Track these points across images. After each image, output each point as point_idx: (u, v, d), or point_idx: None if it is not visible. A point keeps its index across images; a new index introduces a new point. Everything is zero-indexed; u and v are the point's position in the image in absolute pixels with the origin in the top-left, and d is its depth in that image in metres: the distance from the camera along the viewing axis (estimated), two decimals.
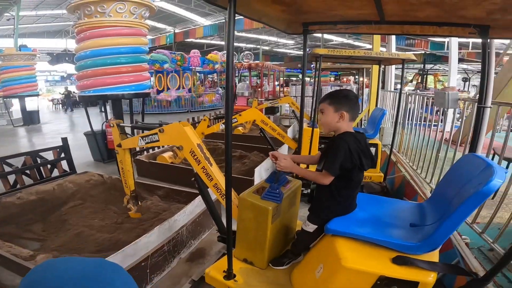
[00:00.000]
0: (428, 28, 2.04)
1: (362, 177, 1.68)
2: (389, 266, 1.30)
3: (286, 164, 1.65)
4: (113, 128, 2.78)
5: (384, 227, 1.50)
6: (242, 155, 5.47)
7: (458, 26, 1.88)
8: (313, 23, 2.18)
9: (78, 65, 5.80)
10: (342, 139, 1.55)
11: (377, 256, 1.35)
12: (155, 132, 2.34)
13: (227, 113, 1.41)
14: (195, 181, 2.09)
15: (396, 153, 4.71)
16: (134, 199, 2.99)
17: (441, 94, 2.76)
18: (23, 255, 2.40)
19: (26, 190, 3.70)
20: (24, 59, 11.35)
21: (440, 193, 1.58)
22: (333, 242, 1.48)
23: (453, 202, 1.32)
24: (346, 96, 1.61)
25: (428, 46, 19.08)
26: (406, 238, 1.37)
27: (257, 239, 1.75)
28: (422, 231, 1.39)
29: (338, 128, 1.62)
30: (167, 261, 2.46)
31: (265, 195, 1.70)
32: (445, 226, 1.24)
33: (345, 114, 1.57)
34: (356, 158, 1.51)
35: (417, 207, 1.70)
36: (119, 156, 2.85)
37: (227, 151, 1.37)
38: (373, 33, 1.87)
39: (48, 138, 9.42)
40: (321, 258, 1.56)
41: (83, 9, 5.33)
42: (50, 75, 38.05)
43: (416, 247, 1.31)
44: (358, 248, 1.41)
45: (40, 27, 20.31)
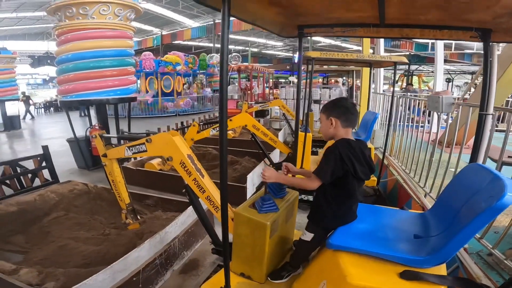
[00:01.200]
0: (428, 31, 2.00)
1: (359, 186, 1.63)
2: (397, 281, 1.24)
3: (270, 174, 1.62)
4: (96, 140, 2.66)
5: (387, 240, 1.45)
6: (233, 160, 5.34)
7: (459, 30, 1.86)
8: (308, 26, 2.11)
9: (59, 68, 5.58)
10: (334, 146, 1.55)
11: (383, 272, 1.29)
12: (142, 142, 2.23)
13: (221, 119, 1.30)
14: (185, 192, 1.99)
15: (387, 156, 4.71)
16: (132, 212, 2.82)
17: (435, 98, 2.74)
18: (5, 268, 2.27)
19: (5, 201, 3.52)
20: (4, 62, 10.92)
21: (444, 204, 1.54)
22: (336, 257, 1.41)
23: (460, 213, 1.28)
24: (335, 103, 1.65)
25: (413, 47, 19.53)
26: (412, 252, 1.31)
27: (254, 253, 1.66)
28: (428, 243, 1.34)
29: (333, 134, 1.64)
30: (159, 274, 2.34)
31: (262, 208, 1.63)
32: (456, 239, 1.18)
33: (335, 120, 1.59)
34: (348, 165, 1.48)
35: (419, 217, 1.65)
36: (107, 168, 2.72)
37: (222, 164, 1.28)
38: (371, 37, 1.82)
39: (29, 144, 9.06)
40: (324, 274, 1.48)
41: (64, 10, 5.13)
42: (32, 78, 36.90)
43: (424, 260, 1.26)
44: (363, 264, 1.34)
45: (21, 29, 19.64)
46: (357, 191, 1.60)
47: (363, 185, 1.67)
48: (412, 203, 3.28)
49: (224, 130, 1.25)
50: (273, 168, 1.67)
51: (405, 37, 2.09)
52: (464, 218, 1.21)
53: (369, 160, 1.58)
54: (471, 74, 23.14)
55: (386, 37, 2.15)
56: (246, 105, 6.92)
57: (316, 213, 1.67)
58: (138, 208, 3.50)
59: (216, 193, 1.96)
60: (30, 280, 2.09)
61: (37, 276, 2.14)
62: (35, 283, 2.07)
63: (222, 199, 1.34)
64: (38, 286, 2.04)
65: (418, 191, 3.30)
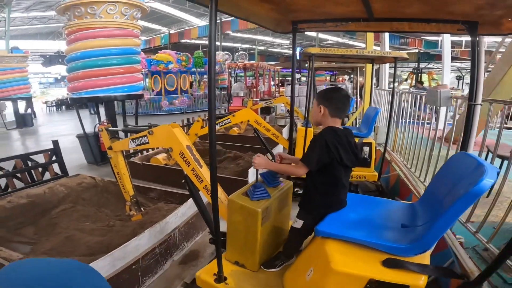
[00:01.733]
0: (417, 25, 2.03)
1: (347, 174, 1.67)
2: (379, 269, 1.27)
3: (260, 161, 1.67)
4: (102, 133, 2.78)
5: (375, 229, 1.48)
6: (237, 155, 5.43)
7: (447, 23, 1.88)
8: (302, 21, 2.17)
9: (69, 66, 5.73)
10: (320, 134, 1.59)
11: (367, 259, 1.33)
12: (145, 134, 2.32)
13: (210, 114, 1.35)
14: (185, 183, 2.07)
15: (390, 151, 4.71)
16: (135, 204, 2.92)
17: (433, 92, 2.75)
18: (13, 258, 2.37)
19: (16, 193, 3.65)
20: (16, 61, 11.20)
21: (432, 193, 1.56)
22: (323, 244, 1.45)
23: (444, 202, 1.30)
24: (327, 92, 1.69)
25: (422, 45, 19.21)
26: (396, 240, 1.34)
27: (247, 241, 1.72)
28: (413, 232, 1.37)
29: (321, 122, 1.69)
30: (159, 263, 2.42)
31: (254, 195, 1.69)
32: (436, 227, 1.21)
33: (324, 109, 1.63)
34: (334, 152, 1.52)
35: (409, 207, 1.67)
36: (113, 160, 2.82)
37: (211, 150, 1.34)
38: (362, 31, 1.87)
39: (41, 141, 9.31)
40: (311, 261, 1.53)
41: (73, 10, 5.26)
42: (44, 77, 37.70)
43: (407, 249, 1.28)
44: (349, 251, 1.38)
45: (32, 29, 20.10)
46: (344, 178, 1.64)
47: (350, 173, 1.71)
48: (412, 198, 3.28)
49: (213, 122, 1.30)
50: (263, 156, 1.71)
51: (395, 31, 2.13)
52: (446, 206, 1.23)
53: (354, 148, 1.62)
54: None
55: (376, 31, 2.21)
56: (251, 102, 6.99)
57: (306, 200, 1.73)
58: (142, 200, 3.61)
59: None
60: None
61: None
62: None
63: (212, 184, 1.39)
64: None
65: (418, 185, 3.30)
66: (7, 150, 8.00)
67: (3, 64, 10.98)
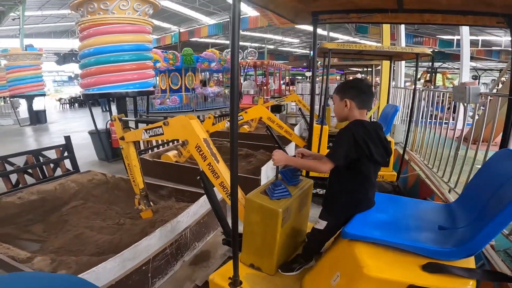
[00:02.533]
0: (451, 17, 1.89)
1: (376, 171, 1.55)
2: (419, 274, 1.14)
3: (280, 157, 1.56)
4: (115, 122, 2.69)
5: (408, 230, 1.35)
6: (248, 153, 5.33)
7: (484, 15, 1.75)
8: (323, 12, 2.02)
9: (82, 63, 5.74)
10: (347, 128, 1.49)
11: (403, 263, 1.20)
12: (160, 125, 2.22)
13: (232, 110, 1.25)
14: (200, 179, 1.97)
15: (409, 151, 4.53)
16: (145, 198, 2.82)
17: (462, 89, 2.58)
18: (20, 257, 2.31)
19: (27, 189, 3.62)
20: (30, 58, 11.36)
21: (472, 194, 1.42)
22: (351, 247, 1.32)
23: (490, 203, 1.17)
24: (350, 85, 1.60)
25: (437, 44, 18.75)
26: (437, 243, 1.21)
27: (265, 243, 1.60)
28: (454, 234, 1.24)
29: (347, 116, 1.58)
30: (169, 264, 2.33)
31: (274, 194, 1.57)
32: (486, 230, 1.07)
33: (350, 102, 1.54)
34: (363, 147, 1.41)
35: (444, 208, 1.53)
36: (124, 151, 2.74)
37: (232, 146, 1.23)
38: (388, 22, 1.74)
39: (54, 138, 9.40)
40: (337, 266, 1.40)
41: (86, 6, 5.25)
42: (58, 75, 38.44)
43: (450, 252, 1.15)
44: (381, 255, 1.25)
45: (46, 27, 20.44)
46: (373, 176, 1.52)
47: (380, 169, 1.58)
48: (435, 199, 3.12)
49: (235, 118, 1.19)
50: (282, 151, 1.60)
51: (426, 23, 1.97)
52: (495, 208, 1.10)
53: (385, 142, 1.50)
54: (499, 71, 22.01)
55: (405, 22, 2.06)
56: (262, 99, 6.87)
57: (330, 199, 1.60)
58: (152, 198, 3.53)
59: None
60: (43, 268, 2.11)
61: (50, 264, 2.17)
62: (48, 271, 2.09)
63: (232, 181, 1.28)
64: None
65: (441, 186, 3.13)
66: (20, 146, 8.10)
67: (18, 62, 11.15)
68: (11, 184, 3.97)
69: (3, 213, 3.15)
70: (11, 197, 3.37)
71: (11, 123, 12.51)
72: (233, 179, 1.30)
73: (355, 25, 15.02)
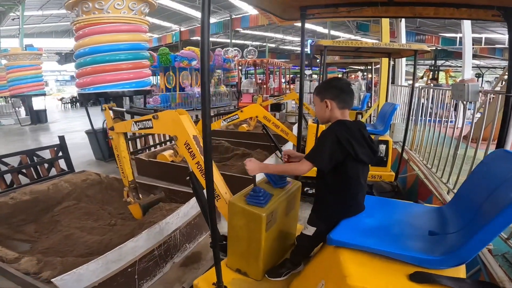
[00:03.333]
0: (444, 10, 1.82)
1: (364, 172, 1.48)
2: (405, 284, 1.07)
3: (253, 166, 1.50)
4: (105, 112, 2.67)
5: (396, 237, 1.28)
6: (245, 153, 5.28)
7: (479, 8, 1.68)
8: (311, 6, 1.95)
9: (78, 62, 5.70)
10: (330, 129, 1.43)
11: (390, 272, 1.13)
12: (149, 117, 2.17)
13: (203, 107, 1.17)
14: (189, 180, 1.90)
15: (408, 150, 4.44)
16: (134, 191, 2.80)
17: (460, 86, 2.50)
18: (8, 257, 2.29)
19: (20, 190, 3.58)
20: (30, 58, 11.37)
21: (464, 196, 1.34)
22: (336, 254, 1.26)
23: (483, 207, 1.09)
24: (329, 85, 1.54)
25: (439, 41, 18.58)
26: (425, 251, 1.14)
27: (250, 248, 1.54)
28: (445, 241, 1.17)
29: (329, 117, 1.53)
30: (158, 266, 2.28)
31: (248, 199, 1.50)
32: (478, 237, 1.00)
33: (330, 102, 1.49)
34: (347, 147, 1.36)
35: (436, 211, 1.45)
36: (114, 141, 2.72)
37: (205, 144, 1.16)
38: (379, 16, 1.68)
39: (54, 137, 9.39)
40: (323, 273, 1.34)
41: (81, 5, 5.22)
42: (60, 74, 38.60)
43: (440, 261, 1.08)
44: (367, 263, 1.18)
45: (48, 27, 20.49)
46: (362, 178, 1.44)
47: (368, 170, 1.51)
48: (433, 200, 3.04)
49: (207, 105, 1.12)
50: (255, 159, 1.54)
51: (418, 16, 1.90)
52: (488, 212, 1.03)
53: (370, 141, 1.43)
54: (502, 69, 21.81)
55: (396, 16, 2.02)
56: (261, 98, 6.81)
57: (319, 204, 1.53)
58: (145, 199, 3.49)
59: (220, 180, 1.85)
60: (29, 269, 2.08)
61: (36, 264, 2.14)
62: (33, 271, 2.06)
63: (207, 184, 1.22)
64: (35, 274, 2.03)
65: (440, 187, 3.06)
66: (19, 145, 8.09)
67: (17, 62, 11.17)
68: (5, 184, 3.95)
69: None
70: (4, 198, 3.34)
71: (12, 123, 12.55)
72: (208, 181, 1.24)
73: (356, 23, 14.89)
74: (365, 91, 8.06)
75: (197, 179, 1.90)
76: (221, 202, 1.77)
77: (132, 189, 2.76)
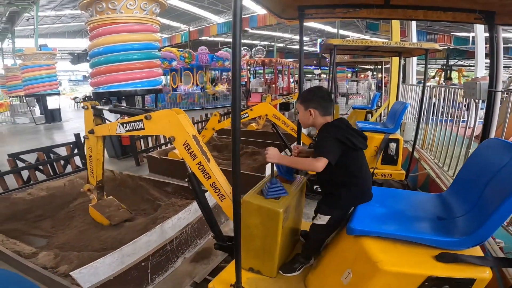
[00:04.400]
0: (432, 13, 1.98)
1: (363, 158, 1.61)
2: (435, 265, 1.14)
3: (273, 154, 1.56)
4: (86, 111, 2.41)
5: (411, 223, 1.34)
6: (255, 151, 5.32)
7: (463, 12, 1.85)
8: (309, 6, 2.02)
9: (92, 62, 5.84)
10: (323, 133, 1.56)
11: (416, 256, 1.19)
12: (140, 118, 2.02)
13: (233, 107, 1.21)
14: (188, 182, 1.87)
15: (419, 149, 4.41)
16: (100, 189, 2.82)
17: (472, 85, 2.49)
18: (26, 252, 2.37)
19: (37, 186, 3.70)
20: (45, 58, 11.63)
21: (464, 183, 1.44)
22: (359, 243, 1.30)
23: (486, 192, 1.18)
24: (312, 94, 1.67)
25: (452, 41, 18.21)
26: (444, 234, 1.21)
27: (265, 245, 1.55)
28: (456, 224, 1.25)
29: (313, 124, 1.67)
30: (170, 261, 2.33)
31: (269, 193, 1.52)
32: (494, 218, 1.07)
33: (313, 111, 1.63)
34: (346, 142, 1.49)
35: (437, 198, 1.55)
36: (88, 142, 2.49)
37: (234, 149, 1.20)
38: (373, 18, 1.79)
39: (68, 135, 9.62)
40: (347, 263, 1.37)
41: (95, 5, 5.33)
42: (73, 74, 39.36)
43: (458, 242, 1.16)
44: (392, 248, 1.24)
45: (61, 27, 20.91)
46: (363, 164, 1.58)
47: (364, 155, 1.62)
48: None
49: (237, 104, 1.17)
50: (275, 149, 1.59)
51: (409, 18, 2.07)
52: (493, 196, 1.12)
53: (357, 130, 1.58)
54: None
55: (389, 18, 2.16)
56: (270, 97, 6.85)
57: (328, 196, 1.60)
58: (157, 195, 3.56)
59: (223, 180, 1.85)
60: (46, 264, 2.15)
61: (53, 259, 2.21)
62: (50, 266, 2.13)
63: (234, 184, 1.25)
64: (52, 269, 2.10)
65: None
66: (35, 143, 8.31)
67: (32, 61, 11.45)
68: (22, 181, 4.08)
69: (14, 209, 3.23)
70: (21, 193, 3.45)
71: (27, 122, 12.88)
72: (235, 179, 1.26)
73: (366, 22, 14.74)
74: (375, 91, 7.99)
75: (197, 180, 1.86)
76: (226, 202, 1.77)
77: (99, 187, 2.74)
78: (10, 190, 3.71)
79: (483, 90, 2.40)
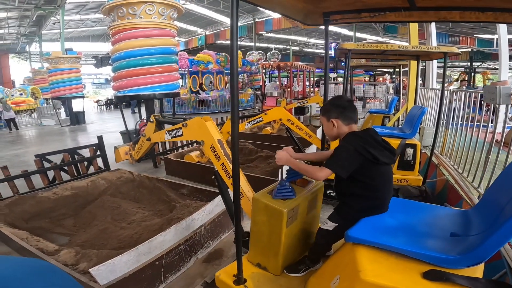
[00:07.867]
0: (470, 14, 1.81)
1: (388, 173, 1.55)
2: (418, 281, 1.10)
3: (281, 156, 1.59)
4: (150, 124, 2.89)
5: (416, 237, 1.30)
6: (269, 155, 5.34)
7: (505, 11, 1.67)
8: (334, 12, 2.01)
9: (114, 66, 6.06)
10: (345, 141, 1.55)
11: (404, 270, 1.16)
12: (179, 126, 2.35)
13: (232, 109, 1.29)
14: (215, 179, 2.03)
15: (438, 155, 4.29)
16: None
17: (491, 89, 2.41)
18: (48, 249, 2.49)
19: (62, 185, 3.89)
20: (70, 62, 12.14)
21: (490, 200, 1.34)
22: (353, 251, 1.30)
23: (505, 210, 1.10)
24: (332, 104, 1.65)
25: (475, 43, 17.55)
26: (443, 250, 1.16)
27: (271, 243, 1.61)
28: (464, 242, 1.18)
29: (338, 134, 1.64)
30: (183, 260, 2.40)
31: (276, 194, 1.58)
32: (495, 237, 1.01)
33: (336, 121, 1.61)
34: (364, 154, 1.45)
35: (460, 214, 1.46)
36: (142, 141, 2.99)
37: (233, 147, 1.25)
38: (402, 21, 1.68)
39: (91, 137, 10.01)
40: (338, 268, 1.39)
41: (116, 11, 5.54)
42: (96, 77, 40.83)
43: (455, 260, 1.10)
44: (382, 260, 1.22)
45: (85, 31, 21.80)
46: (386, 179, 1.52)
47: (392, 173, 1.58)
48: (463, 205, 2.94)
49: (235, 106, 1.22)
50: (289, 150, 1.65)
51: (443, 20, 1.90)
52: (508, 214, 1.04)
53: (385, 143, 1.51)
54: None
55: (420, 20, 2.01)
56: (285, 101, 6.86)
57: (342, 205, 1.61)
58: (173, 196, 3.66)
59: (243, 180, 1.96)
60: (67, 261, 2.27)
61: (74, 256, 2.32)
62: (71, 263, 2.25)
63: (234, 181, 1.30)
64: (72, 266, 2.22)
65: (471, 192, 2.95)
66: (60, 145, 8.72)
67: (58, 65, 11.98)
68: (48, 180, 4.29)
69: (39, 207, 3.41)
70: (47, 193, 3.65)
71: (53, 123, 13.50)
72: (235, 177, 1.32)
73: (384, 25, 14.48)
74: (393, 94, 7.83)
75: (222, 178, 2.02)
76: (244, 200, 1.87)
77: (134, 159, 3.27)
78: (36, 189, 3.91)
79: (503, 94, 2.32)
